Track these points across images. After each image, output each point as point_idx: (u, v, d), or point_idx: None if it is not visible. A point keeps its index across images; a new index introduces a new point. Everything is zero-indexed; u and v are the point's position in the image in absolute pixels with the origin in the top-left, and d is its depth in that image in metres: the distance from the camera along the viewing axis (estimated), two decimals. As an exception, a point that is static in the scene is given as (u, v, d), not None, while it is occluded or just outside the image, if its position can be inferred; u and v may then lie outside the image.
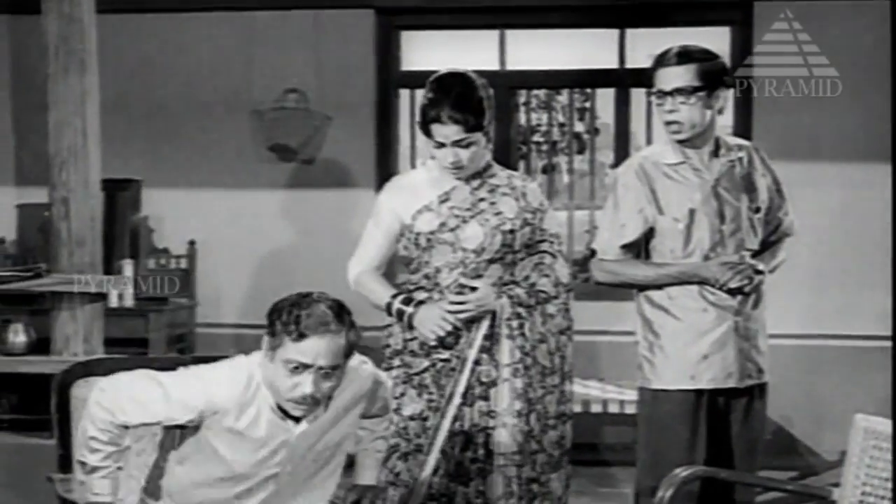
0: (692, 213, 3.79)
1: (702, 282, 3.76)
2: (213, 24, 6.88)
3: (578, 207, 6.89)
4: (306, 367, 2.87)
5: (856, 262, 6.44)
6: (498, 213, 3.77)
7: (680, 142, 3.82)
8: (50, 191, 4.87)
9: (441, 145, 3.70)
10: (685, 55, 3.75)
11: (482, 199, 3.79)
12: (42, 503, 3.71)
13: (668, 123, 3.79)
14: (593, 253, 3.98)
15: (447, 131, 3.66)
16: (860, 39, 6.22)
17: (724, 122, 6.69)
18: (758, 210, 3.85)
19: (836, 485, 3.30)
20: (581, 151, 8.08)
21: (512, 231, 3.76)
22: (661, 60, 3.78)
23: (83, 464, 3.04)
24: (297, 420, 3.01)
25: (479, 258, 3.73)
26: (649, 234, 3.86)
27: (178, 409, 2.99)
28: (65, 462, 3.37)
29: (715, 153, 3.84)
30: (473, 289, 3.70)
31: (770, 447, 6.32)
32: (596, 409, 5.91)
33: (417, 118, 3.79)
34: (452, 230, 3.75)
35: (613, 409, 5.90)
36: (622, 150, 6.63)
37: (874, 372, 6.30)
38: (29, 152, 6.72)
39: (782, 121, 6.38)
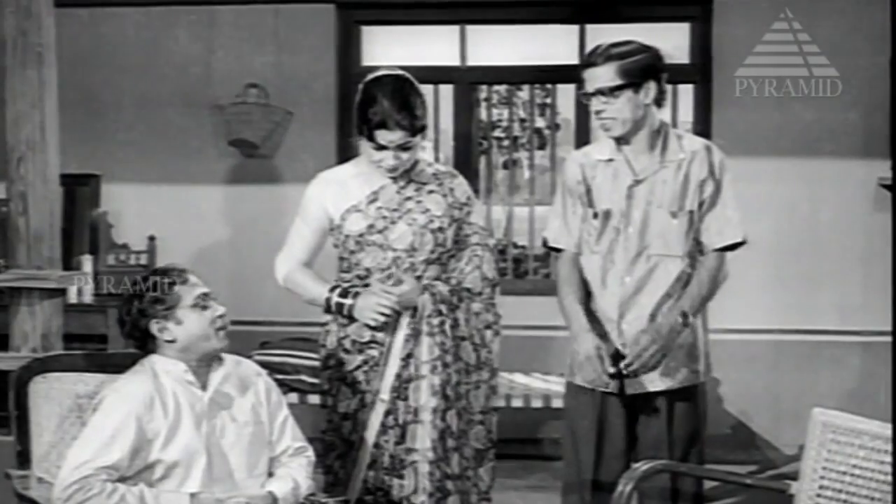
0: (607, 212, 3.78)
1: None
2: (174, 18, 6.84)
3: (539, 203, 6.89)
4: None
5: (813, 258, 6.49)
6: (426, 212, 3.77)
7: (615, 138, 3.79)
8: (7, 185, 4.80)
9: (382, 148, 3.69)
10: (606, 55, 3.70)
11: (409, 198, 3.79)
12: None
13: (600, 121, 3.77)
14: (545, 243, 4.01)
15: (393, 136, 3.66)
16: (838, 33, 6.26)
17: (684, 118, 6.78)
18: (673, 216, 3.74)
19: (795, 478, 3.33)
20: (542, 147, 8.10)
21: (441, 229, 3.77)
22: (586, 60, 3.76)
23: None
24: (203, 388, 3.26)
25: (414, 258, 3.74)
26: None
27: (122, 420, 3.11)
28: (23, 458, 3.36)
29: (652, 149, 3.78)
30: (399, 282, 3.71)
31: (729, 441, 6.39)
32: (557, 404, 5.92)
33: (357, 120, 3.72)
34: (381, 231, 3.75)
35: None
36: (583, 146, 6.62)
37: (832, 366, 6.37)
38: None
39: (741, 117, 6.41)
